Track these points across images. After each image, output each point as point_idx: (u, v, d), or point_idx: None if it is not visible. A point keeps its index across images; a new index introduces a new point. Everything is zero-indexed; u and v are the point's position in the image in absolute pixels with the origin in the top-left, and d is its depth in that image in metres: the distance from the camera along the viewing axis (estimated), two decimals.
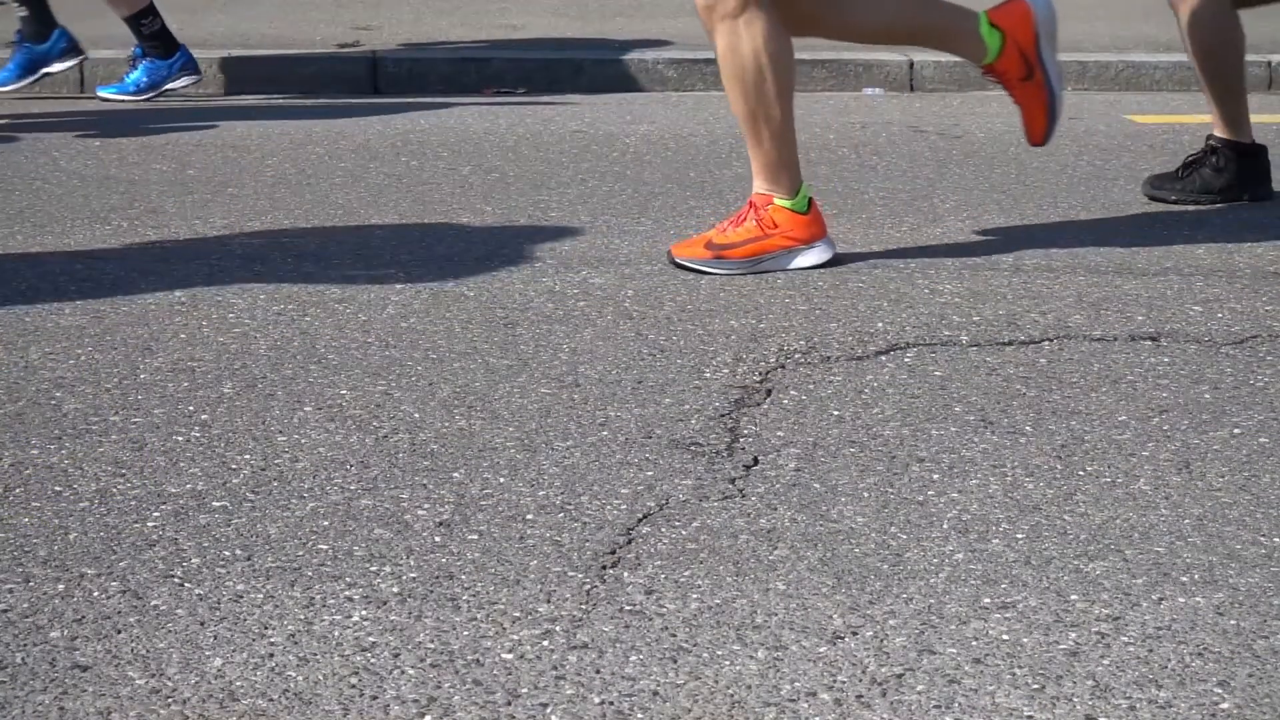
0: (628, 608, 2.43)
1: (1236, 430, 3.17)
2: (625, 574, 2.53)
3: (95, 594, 2.45)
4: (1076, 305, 3.95)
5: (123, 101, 6.67)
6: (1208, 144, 5.07)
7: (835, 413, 3.23)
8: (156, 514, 2.73)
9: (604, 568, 2.55)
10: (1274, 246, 4.51)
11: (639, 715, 2.15)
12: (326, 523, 2.71)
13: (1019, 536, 2.69)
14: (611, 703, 2.18)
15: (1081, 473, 2.95)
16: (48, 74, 6.74)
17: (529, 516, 2.74)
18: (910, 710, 2.17)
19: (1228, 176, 5.02)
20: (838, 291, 4.04)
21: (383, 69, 7.21)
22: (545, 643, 2.33)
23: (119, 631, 2.34)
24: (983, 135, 6.13)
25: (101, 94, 6.74)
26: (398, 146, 5.80)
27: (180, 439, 3.06)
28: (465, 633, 2.35)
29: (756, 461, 2.99)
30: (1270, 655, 2.31)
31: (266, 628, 2.36)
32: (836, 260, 4.26)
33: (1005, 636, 2.36)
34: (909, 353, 3.60)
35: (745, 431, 3.13)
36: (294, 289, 4.02)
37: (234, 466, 2.93)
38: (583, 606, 2.43)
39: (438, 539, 2.65)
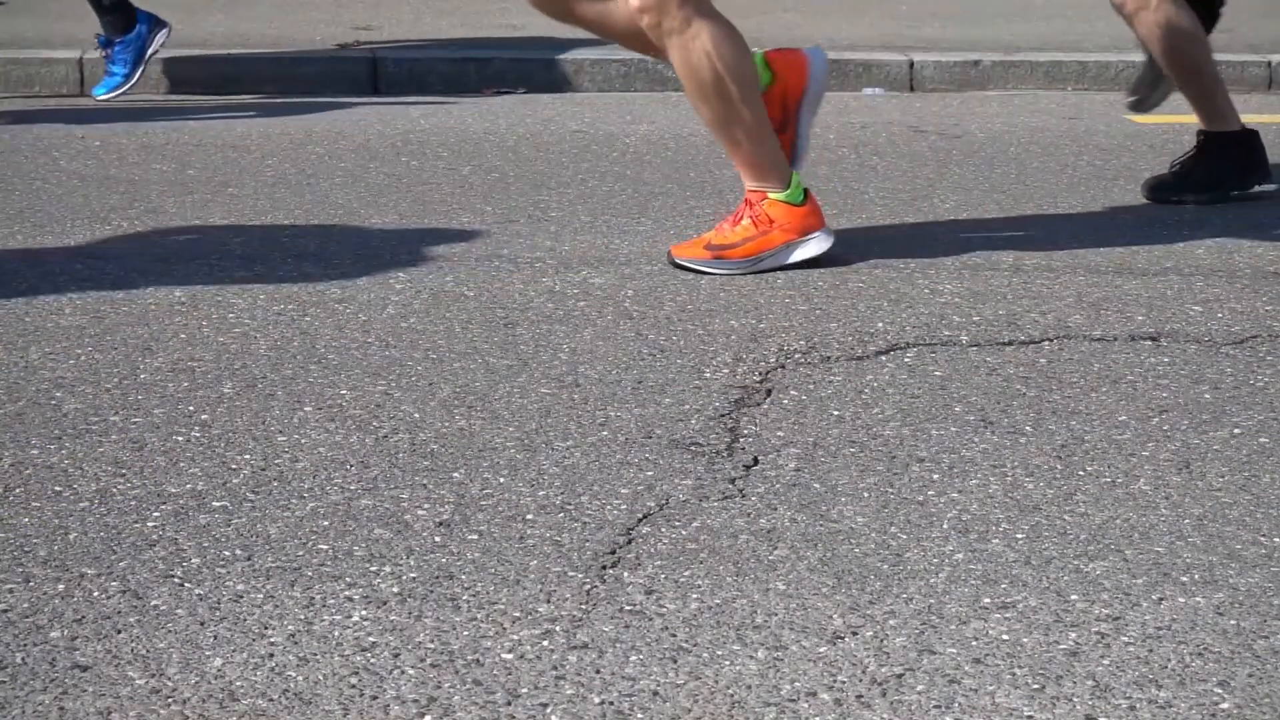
0: (628, 608, 2.43)
1: (1236, 430, 3.17)
2: (625, 574, 2.54)
3: (95, 594, 2.45)
4: (1076, 305, 3.95)
5: (119, 97, 6.65)
6: (1199, 139, 5.06)
7: (835, 413, 3.23)
8: (156, 514, 2.73)
9: (604, 568, 2.55)
10: (1274, 246, 4.51)
11: (639, 715, 2.15)
12: (326, 523, 2.71)
13: (1019, 536, 2.69)
14: (611, 703, 2.18)
15: (1081, 473, 2.95)
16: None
17: (529, 516, 2.74)
18: (910, 710, 2.17)
19: (1223, 168, 5.01)
20: (838, 291, 4.04)
21: (383, 69, 7.20)
22: (545, 643, 2.33)
23: (119, 631, 2.34)
24: (983, 135, 6.13)
25: (97, 96, 6.72)
26: (398, 146, 5.80)
27: (180, 439, 3.06)
28: (465, 633, 2.35)
29: (756, 461, 2.99)
30: (1270, 655, 2.31)
31: (266, 628, 2.36)
32: (836, 259, 4.26)
33: (1005, 636, 2.36)
34: (909, 353, 3.60)
35: (745, 431, 3.13)
36: (294, 289, 4.02)
37: (234, 466, 2.93)
38: (583, 606, 2.43)
39: (438, 539, 2.65)
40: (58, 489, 2.83)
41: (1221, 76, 5.11)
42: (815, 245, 4.21)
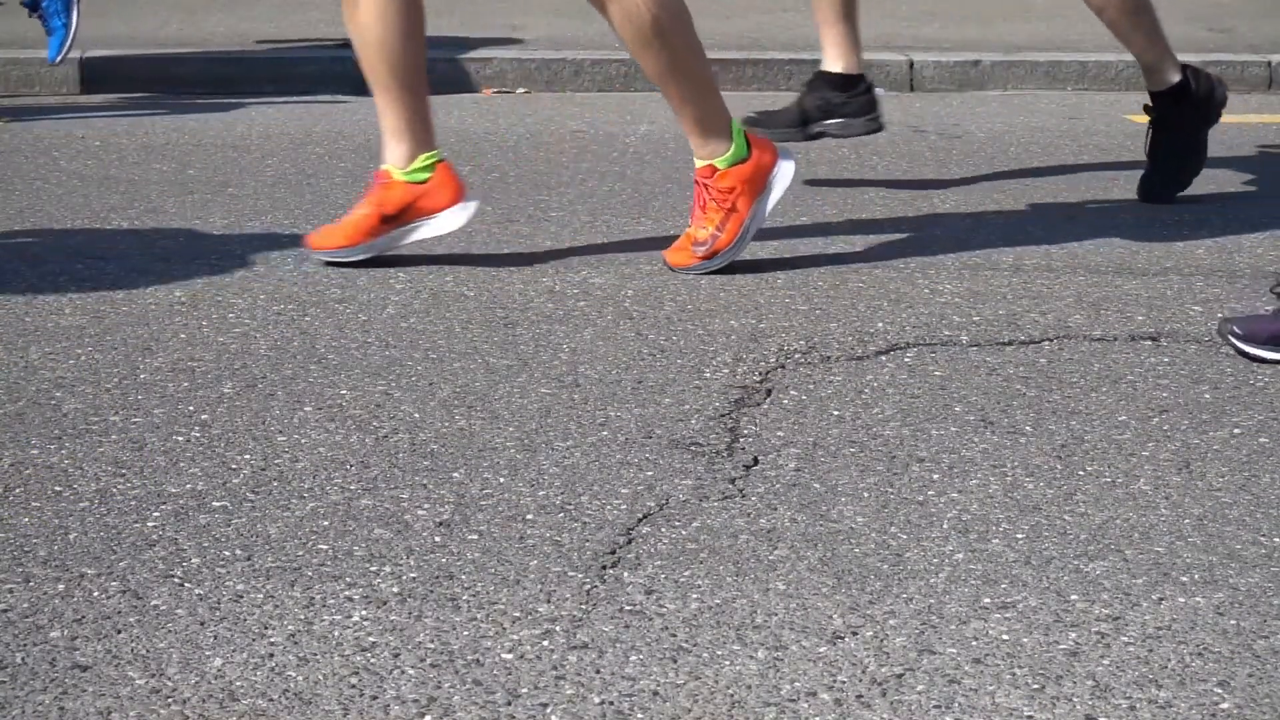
0: (628, 608, 2.43)
1: (1236, 430, 3.17)
2: (625, 574, 2.54)
3: (95, 594, 2.45)
4: (1076, 305, 3.95)
5: (69, 49, 6.58)
6: (1150, 115, 4.94)
7: (835, 413, 3.23)
8: (156, 514, 2.73)
9: (604, 568, 2.55)
10: (1274, 246, 4.51)
11: (639, 715, 2.15)
12: (326, 523, 2.71)
13: (1019, 536, 2.69)
14: (611, 703, 2.18)
15: (1081, 473, 2.95)
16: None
17: (529, 516, 2.74)
18: (910, 710, 2.17)
19: (1181, 136, 4.91)
20: (838, 291, 4.04)
21: None
22: (545, 643, 2.33)
23: (119, 631, 2.35)
24: (983, 135, 6.13)
25: (51, 60, 6.66)
26: None
27: (180, 439, 3.06)
28: (465, 633, 2.35)
29: (756, 461, 2.99)
30: (1270, 655, 2.31)
31: (266, 628, 2.36)
32: (837, 259, 4.26)
33: (1005, 636, 2.36)
34: (909, 353, 3.60)
35: (745, 431, 3.13)
36: (294, 289, 4.02)
37: (234, 466, 2.93)
38: (583, 606, 2.43)
39: (438, 539, 2.65)
40: (58, 489, 2.83)
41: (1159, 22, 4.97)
42: (780, 185, 4.19)
